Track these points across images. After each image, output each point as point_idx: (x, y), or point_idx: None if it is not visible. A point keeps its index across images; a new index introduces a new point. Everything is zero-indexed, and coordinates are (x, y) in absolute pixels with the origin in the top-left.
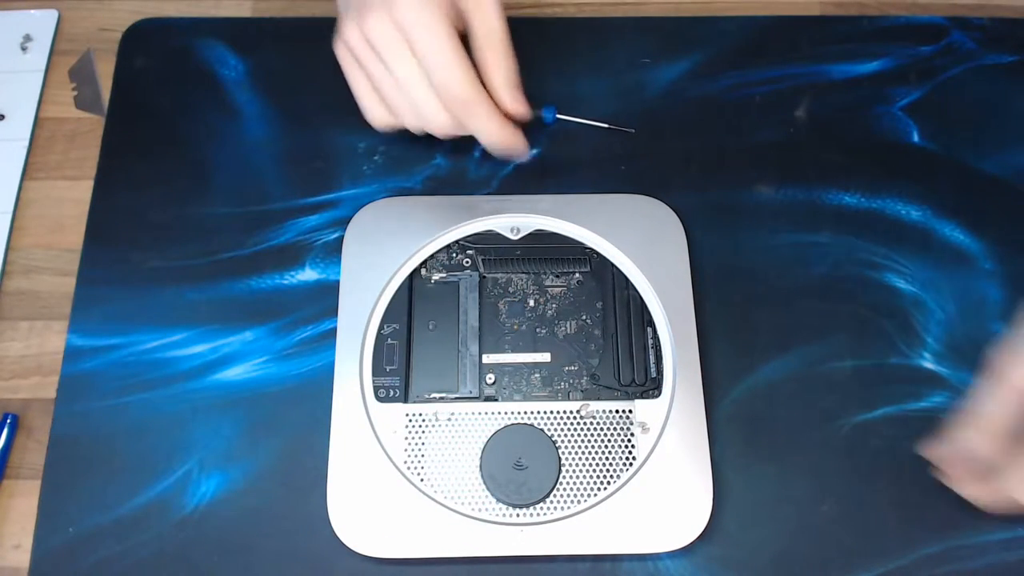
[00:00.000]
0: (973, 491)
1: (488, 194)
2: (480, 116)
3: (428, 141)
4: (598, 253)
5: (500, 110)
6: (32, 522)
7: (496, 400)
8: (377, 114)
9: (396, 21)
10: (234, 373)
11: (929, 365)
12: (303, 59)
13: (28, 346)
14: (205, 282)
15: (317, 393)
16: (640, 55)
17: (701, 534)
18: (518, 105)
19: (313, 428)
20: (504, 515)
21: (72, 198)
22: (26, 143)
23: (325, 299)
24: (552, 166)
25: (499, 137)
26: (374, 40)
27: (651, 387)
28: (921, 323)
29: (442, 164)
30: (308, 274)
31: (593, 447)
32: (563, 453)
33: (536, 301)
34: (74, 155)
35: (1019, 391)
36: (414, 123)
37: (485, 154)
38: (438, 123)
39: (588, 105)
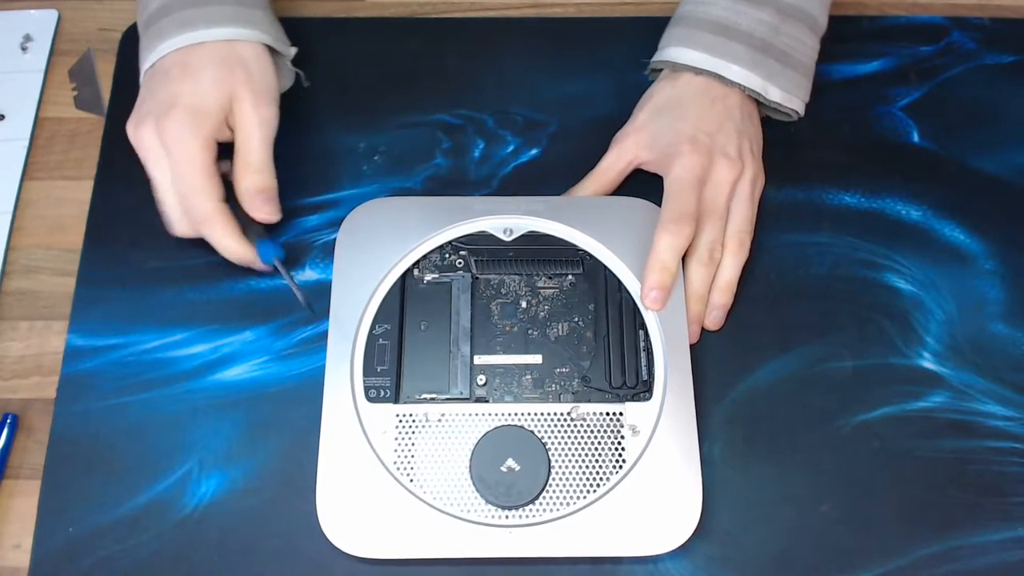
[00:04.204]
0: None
1: (487, 194)
2: (212, 232)
3: (428, 141)
4: (591, 255)
5: (237, 226)
6: (32, 522)
7: (487, 401)
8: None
9: (160, 134)
10: (234, 373)
11: (929, 365)
12: (302, 59)
13: (28, 346)
14: (205, 282)
15: (316, 393)
16: (640, 55)
17: (691, 536)
18: (260, 213)
19: (312, 428)
20: (493, 517)
21: (72, 198)
22: (26, 143)
23: (325, 299)
24: (552, 167)
25: (230, 252)
26: (141, 143)
27: (642, 390)
28: (921, 323)
29: (442, 164)
30: (308, 274)
31: (583, 449)
32: (553, 455)
33: (528, 303)
34: (74, 155)
35: (620, 151)
36: (164, 214)
37: (485, 154)
38: (180, 228)
39: (588, 105)
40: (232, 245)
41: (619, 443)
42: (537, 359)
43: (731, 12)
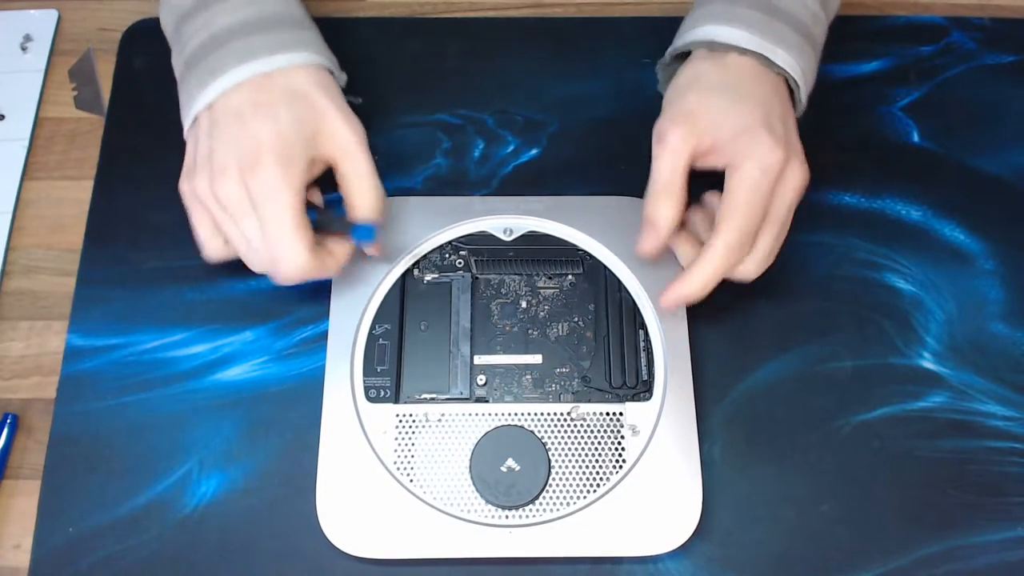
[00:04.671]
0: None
1: (487, 194)
2: (306, 278)
3: (428, 141)
4: (591, 255)
5: (324, 258)
6: (32, 522)
7: (487, 401)
8: (214, 249)
9: (248, 187)
10: (234, 373)
11: (929, 365)
12: None
13: (28, 346)
14: (205, 282)
15: (316, 393)
16: (640, 55)
17: (691, 536)
18: (371, 250)
19: (312, 428)
20: (493, 517)
21: (72, 198)
22: (26, 143)
23: (325, 299)
24: (552, 167)
25: (327, 275)
26: (224, 200)
27: (642, 390)
28: (921, 323)
29: (442, 164)
30: None
31: (583, 449)
32: (553, 455)
33: (528, 303)
34: (74, 155)
35: (676, 147)
36: (247, 259)
37: (485, 154)
38: (267, 273)
39: (588, 105)
40: (331, 272)
41: (619, 443)
42: (537, 359)
43: None
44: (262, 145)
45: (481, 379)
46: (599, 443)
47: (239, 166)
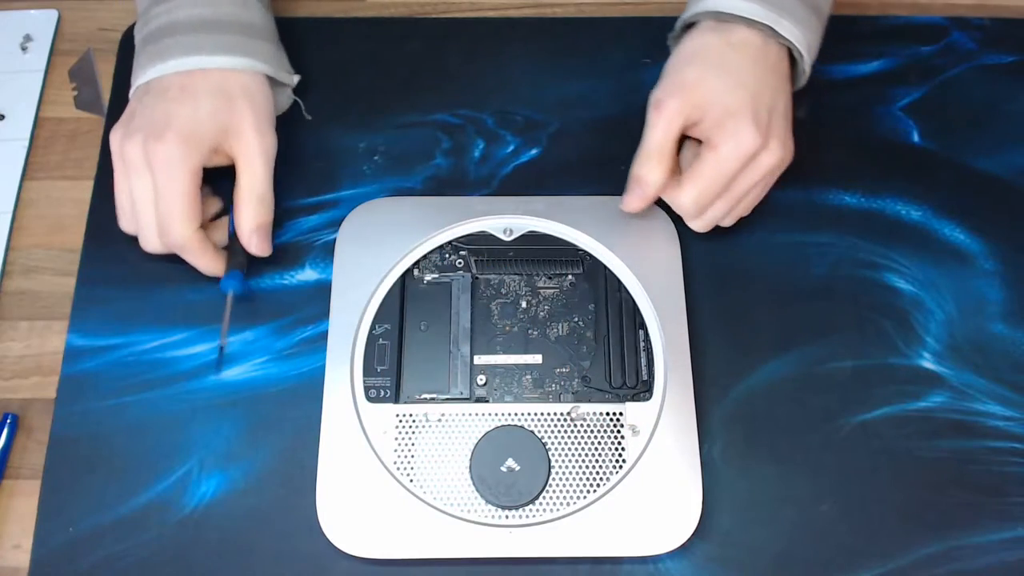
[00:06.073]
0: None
1: (487, 194)
2: (187, 255)
3: (428, 141)
4: (591, 255)
5: (210, 247)
6: (32, 522)
7: (487, 401)
8: (125, 218)
9: (147, 153)
10: (234, 373)
11: (929, 365)
12: (302, 59)
13: (28, 346)
14: (205, 282)
15: (316, 393)
16: (640, 55)
17: (691, 536)
18: (256, 250)
19: (312, 428)
20: (493, 517)
21: (72, 198)
22: (26, 143)
23: (325, 299)
24: (552, 167)
25: (204, 269)
26: (125, 155)
27: (642, 390)
28: (921, 323)
29: (442, 164)
30: (308, 274)
31: (583, 449)
32: (553, 455)
33: (528, 303)
34: (74, 155)
35: (670, 116)
36: (132, 231)
37: (485, 154)
38: (152, 245)
39: (588, 105)
40: (208, 265)
41: (619, 443)
42: (537, 359)
43: None
44: (172, 120)
45: (481, 379)
46: (599, 443)
47: (146, 132)
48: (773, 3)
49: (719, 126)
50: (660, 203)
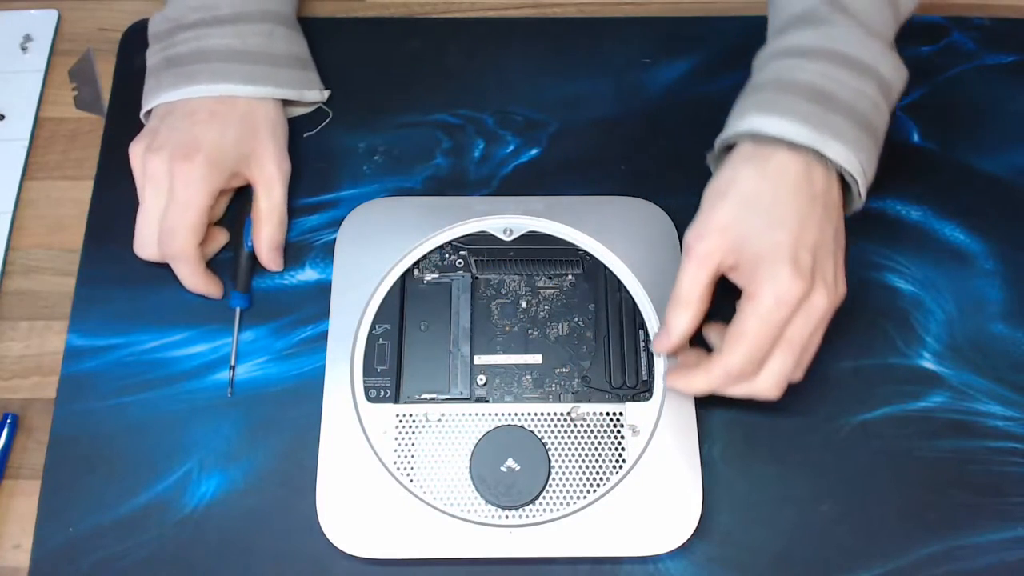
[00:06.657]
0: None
1: (487, 194)
2: (181, 267)
3: (428, 141)
4: (591, 255)
5: (203, 265)
6: (32, 522)
7: (487, 401)
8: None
9: (174, 169)
10: (234, 373)
11: (929, 365)
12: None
13: (28, 346)
14: None
15: (316, 393)
16: (640, 55)
17: (691, 536)
18: (273, 265)
19: (312, 428)
20: (493, 517)
21: (72, 198)
22: (26, 143)
23: (325, 299)
24: (552, 167)
25: (192, 286)
26: (147, 169)
27: (642, 390)
28: (921, 323)
29: (442, 164)
30: (308, 274)
31: (583, 449)
32: (553, 455)
33: (528, 303)
34: (74, 155)
35: (700, 261)
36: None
37: (485, 154)
38: (148, 252)
39: (588, 105)
40: (198, 282)
41: (619, 443)
42: (537, 359)
43: (827, 79)
44: (201, 144)
45: (481, 379)
46: (599, 443)
47: (172, 150)
48: (818, 123)
49: (754, 272)
50: (659, 202)
